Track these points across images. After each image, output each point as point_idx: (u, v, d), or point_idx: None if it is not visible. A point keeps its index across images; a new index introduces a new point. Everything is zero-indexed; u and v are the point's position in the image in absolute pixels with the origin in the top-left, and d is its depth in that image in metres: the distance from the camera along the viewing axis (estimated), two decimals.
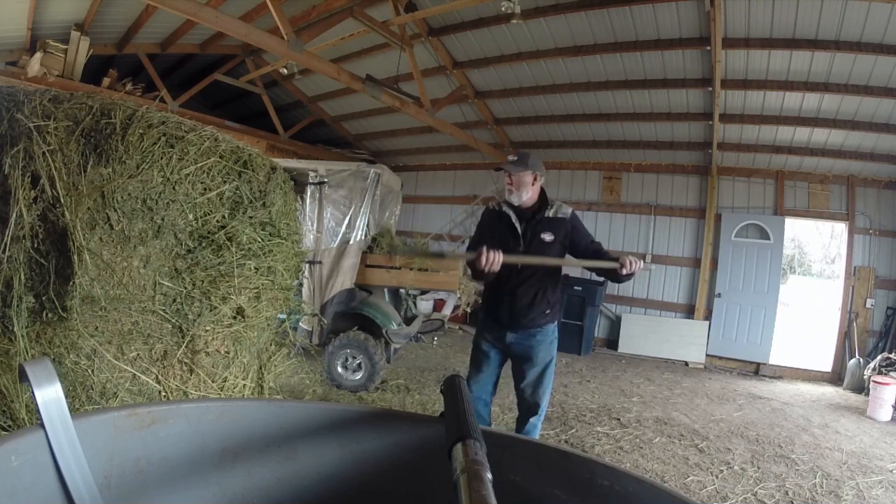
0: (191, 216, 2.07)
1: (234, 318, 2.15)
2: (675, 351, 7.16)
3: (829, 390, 6.18)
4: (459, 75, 6.91)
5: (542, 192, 2.66)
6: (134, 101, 2.20)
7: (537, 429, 2.68)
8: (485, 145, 7.91)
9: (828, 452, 3.94)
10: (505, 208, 2.63)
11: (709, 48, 5.17)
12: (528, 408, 2.67)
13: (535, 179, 2.57)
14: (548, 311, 2.61)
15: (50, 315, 1.88)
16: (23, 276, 1.91)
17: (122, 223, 1.95)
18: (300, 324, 4.40)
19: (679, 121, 6.69)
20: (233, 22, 4.30)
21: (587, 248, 2.60)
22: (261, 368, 2.39)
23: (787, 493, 3.18)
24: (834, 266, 15.61)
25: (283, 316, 2.55)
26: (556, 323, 2.71)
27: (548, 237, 2.54)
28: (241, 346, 2.18)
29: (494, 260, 2.28)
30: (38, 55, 5.46)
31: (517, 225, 2.57)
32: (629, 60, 5.90)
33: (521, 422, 2.69)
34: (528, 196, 2.57)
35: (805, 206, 6.88)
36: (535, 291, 2.56)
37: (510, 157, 2.61)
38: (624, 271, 2.35)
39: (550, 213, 2.60)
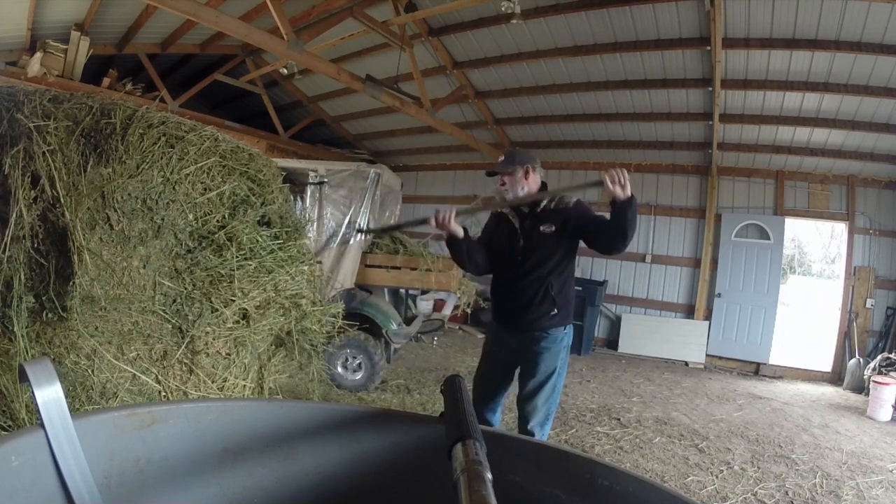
0: (191, 216, 2.07)
1: (238, 322, 2.14)
2: (675, 351, 7.16)
3: (829, 390, 6.18)
4: (459, 75, 6.91)
5: (543, 185, 2.55)
6: (134, 101, 2.20)
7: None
8: (485, 145, 7.91)
9: (828, 452, 3.94)
10: (504, 209, 2.55)
11: (709, 48, 5.17)
12: (522, 429, 2.48)
13: (527, 173, 2.46)
14: (554, 313, 2.39)
15: (50, 315, 1.88)
16: (23, 276, 1.91)
17: (122, 223, 1.95)
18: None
19: (679, 121, 6.69)
20: (233, 22, 4.30)
21: (595, 223, 2.39)
22: (261, 369, 2.38)
23: (787, 493, 3.18)
24: (834, 266, 15.61)
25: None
26: (566, 328, 2.45)
27: (547, 229, 2.39)
28: (244, 349, 2.17)
29: (447, 216, 2.27)
30: (38, 55, 5.46)
31: (515, 222, 2.47)
32: (629, 60, 5.90)
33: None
34: (524, 192, 2.47)
35: (805, 206, 6.88)
36: (537, 289, 2.38)
37: (500, 160, 2.56)
38: (611, 187, 2.14)
39: (552, 204, 2.44)
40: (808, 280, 18.73)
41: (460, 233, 2.35)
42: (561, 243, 2.41)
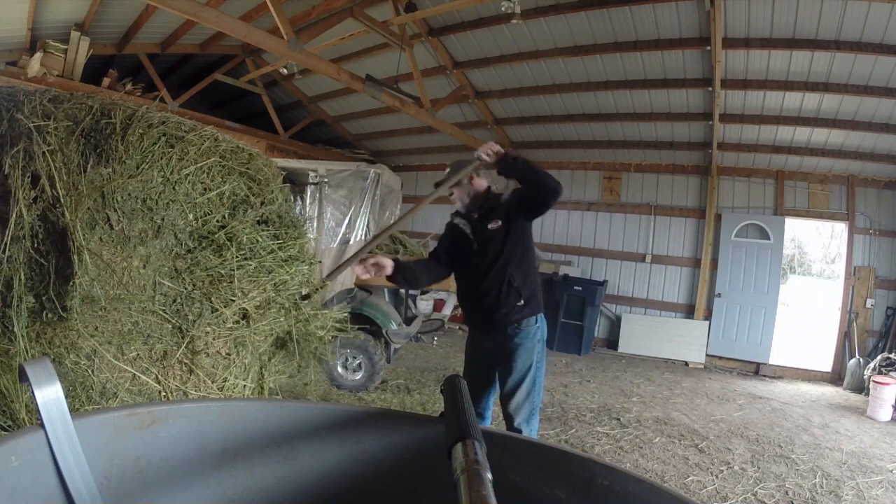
0: (191, 216, 2.07)
1: (238, 322, 2.14)
2: (675, 351, 7.16)
3: (829, 390, 6.18)
4: (459, 75, 6.91)
5: (488, 188, 2.61)
6: (134, 101, 2.20)
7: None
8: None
9: (828, 452, 3.94)
10: (455, 219, 2.64)
11: (709, 48, 5.18)
12: (509, 427, 2.49)
13: (471, 179, 2.56)
14: (521, 304, 2.42)
15: (50, 315, 1.88)
16: (23, 276, 1.91)
17: (122, 223, 1.95)
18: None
19: (679, 121, 6.69)
20: (233, 22, 4.30)
21: (520, 191, 2.45)
22: (261, 369, 2.38)
23: (787, 493, 3.18)
24: (834, 266, 15.59)
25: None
26: (536, 317, 2.48)
27: (493, 224, 2.47)
28: (244, 350, 2.17)
29: (368, 267, 2.31)
30: (38, 55, 5.46)
31: (466, 229, 2.55)
32: (629, 60, 5.90)
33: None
34: (470, 197, 2.58)
35: (805, 206, 6.88)
36: (500, 285, 2.42)
37: (446, 172, 2.65)
38: (485, 158, 2.33)
39: (495, 203, 2.55)
40: (808, 280, 18.70)
41: (390, 269, 2.37)
42: (510, 234, 2.46)
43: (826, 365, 6.78)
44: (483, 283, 2.46)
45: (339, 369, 4.45)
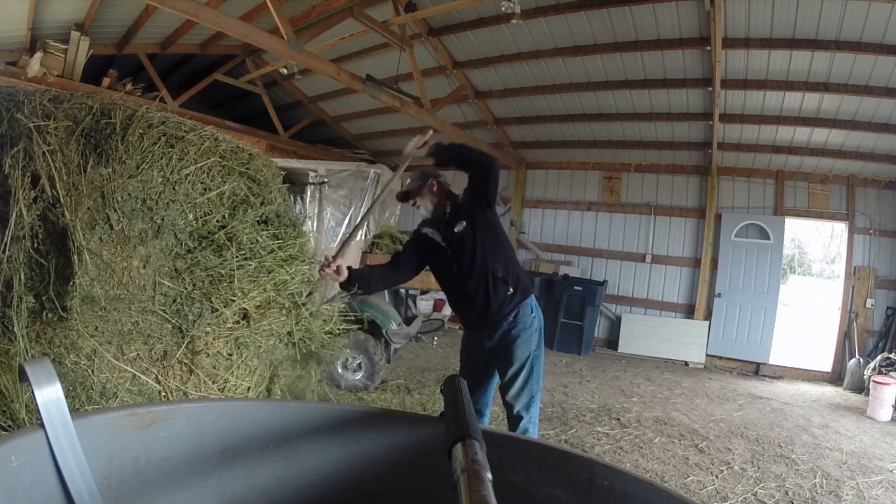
0: (191, 216, 2.07)
1: (238, 322, 2.14)
2: (675, 351, 7.16)
3: (829, 390, 6.18)
4: (459, 75, 6.91)
5: (450, 193, 2.64)
6: (134, 101, 2.20)
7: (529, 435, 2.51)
8: (485, 145, 7.90)
9: (828, 452, 3.94)
10: (424, 229, 2.63)
11: (709, 48, 5.18)
12: (510, 416, 2.51)
13: (431, 187, 2.60)
14: (511, 292, 2.45)
15: (50, 315, 1.88)
16: (23, 276, 1.91)
17: (122, 223, 1.95)
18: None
19: (679, 121, 6.69)
20: (233, 22, 4.30)
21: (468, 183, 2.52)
22: (271, 378, 2.38)
23: (787, 493, 3.18)
24: (834, 266, 15.58)
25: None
26: (531, 305, 2.50)
27: (459, 227, 2.48)
28: (248, 351, 2.17)
29: (336, 269, 2.28)
30: (38, 55, 5.46)
31: (436, 237, 2.54)
32: (629, 60, 5.90)
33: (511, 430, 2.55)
34: (434, 204, 2.60)
35: (805, 206, 6.88)
36: (486, 281, 2.43)
37: (407, 182, 2.69)
38: (418, 152, 2.48)
39: (456, 204, 2.58)
40: (808, 280, 18.69)
41: (342, 278, 2.34)
42: (477, 230, 2.47)
43: (826, 365, 6.78)
44: (469, 284, 2.47)
45: (339, 369, 4.45)
